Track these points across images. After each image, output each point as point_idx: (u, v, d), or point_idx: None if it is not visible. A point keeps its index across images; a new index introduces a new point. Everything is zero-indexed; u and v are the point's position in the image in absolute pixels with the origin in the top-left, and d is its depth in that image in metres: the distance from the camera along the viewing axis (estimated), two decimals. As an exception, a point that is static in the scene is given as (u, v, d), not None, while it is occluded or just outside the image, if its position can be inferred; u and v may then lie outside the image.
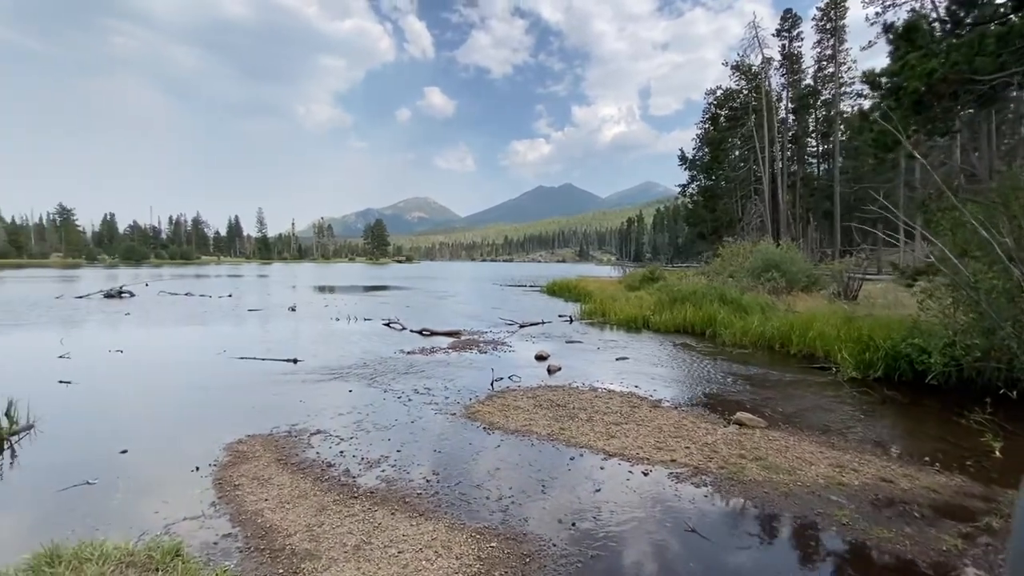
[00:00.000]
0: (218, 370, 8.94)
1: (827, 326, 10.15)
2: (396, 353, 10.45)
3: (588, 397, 7.01)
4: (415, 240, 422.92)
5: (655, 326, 14.14)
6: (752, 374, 8.70)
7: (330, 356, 10.15)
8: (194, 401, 7.07)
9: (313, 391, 7.46)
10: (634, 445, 5.22)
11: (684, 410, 6.51)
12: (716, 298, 14.36)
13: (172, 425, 6.02)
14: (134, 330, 13.60)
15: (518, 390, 7.46)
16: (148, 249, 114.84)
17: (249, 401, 6.94)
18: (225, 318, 16.33)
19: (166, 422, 6.14)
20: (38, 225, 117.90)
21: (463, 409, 6.50)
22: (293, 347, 11.20)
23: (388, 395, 7.20)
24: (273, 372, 8.72)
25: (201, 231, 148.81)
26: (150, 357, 10.22)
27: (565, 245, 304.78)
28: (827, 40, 38.73)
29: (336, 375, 8.46)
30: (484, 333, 13.34)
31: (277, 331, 13.75)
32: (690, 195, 54.36)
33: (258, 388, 7.66)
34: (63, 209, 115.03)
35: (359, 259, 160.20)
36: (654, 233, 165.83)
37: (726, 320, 12.88)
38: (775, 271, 19.65)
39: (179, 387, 7.85)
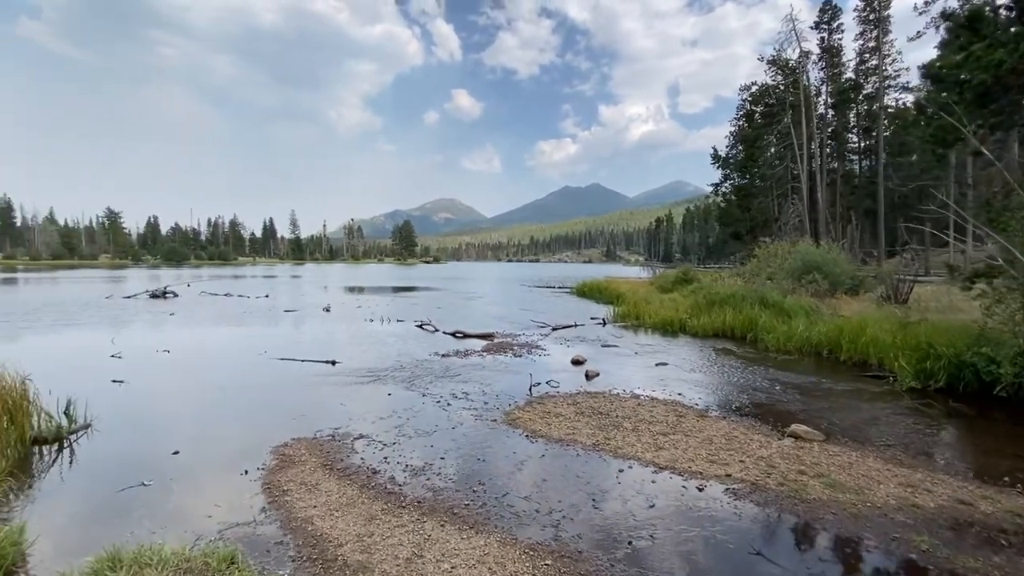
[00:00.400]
0: (260, 371, 9.11)
1: (880, 332, 9.64)
2: (431, 356, 10.45)
3: (631, 405, 6.81)
4: (442, 241, 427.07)
5: (692, 330, 13.76)
6: (801, 382, 8.33)
7: (367, 358, 10.23)
8: (238, 402, 7.19)
9: (352, 394, 7.50)
10: (685, 458, 5.02)
11: (733, 421, 6.25)
12: (756, 301, 13.87)
13: (219, 426, 6.12)
14: (179, 330, 14.05)
15: (558, 396, 7.32)
16: (188, 250, 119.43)
17: (291, 403, 7.02)
18: (263, 319, 16.73)
19: (213, 423, 6.25)
20: (88, 228, 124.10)
21: (503, 415, 6.41)
22: (330, 348, 11.34)
23: (427, 399, 7.17)
24: (312, 373, 8.83)
25: (238, 233, 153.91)
26: (195, 357, 10.51)
27: (592, 245, 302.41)
28: (870, 31, 37.16)
29: (374, 377, 8.50)
30: (517, 336, 13.24)
31: (313, 332, 13.98)
32: (723, 194, 53.11)
33: (299, 389, 7.76)
34: (111, 212, 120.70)
35: (387, 260, 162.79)
36: (683, 233, 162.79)
37: (768, 324, 12.42)
38: (816, 273, 18.94)
39: (223, 387, 8.02)
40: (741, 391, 7.78)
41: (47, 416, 5.65)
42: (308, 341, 12.52)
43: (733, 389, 7.93)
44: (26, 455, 5.11)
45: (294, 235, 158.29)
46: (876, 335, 9.59)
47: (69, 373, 8.83)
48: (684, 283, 26.22)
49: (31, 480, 4.62)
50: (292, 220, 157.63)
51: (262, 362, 9.82)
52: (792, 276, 19.53)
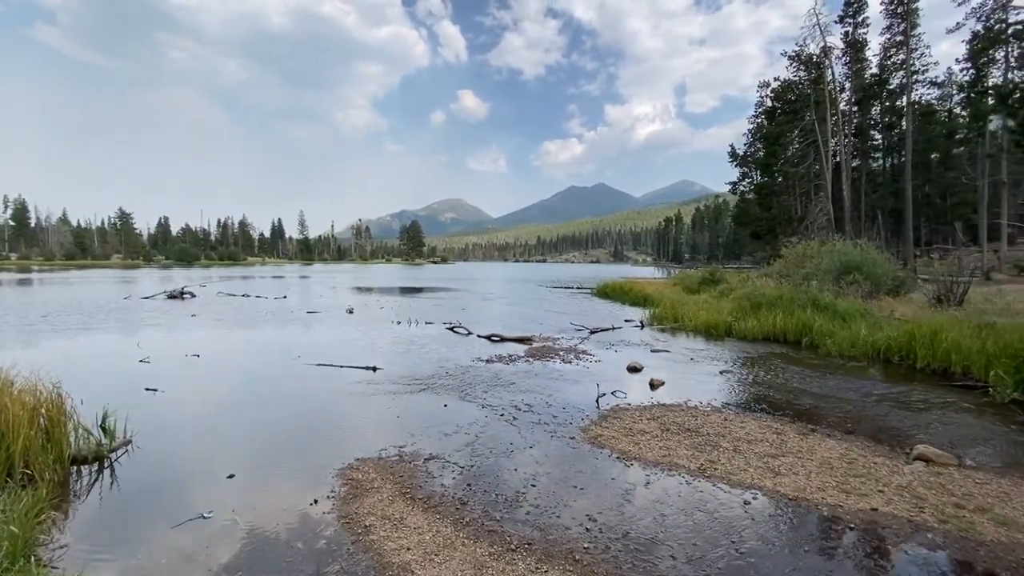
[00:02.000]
0: (298, 378, 8.55)
1: (961, 337, 8.93)
2: (474, 361, 9.86)
3: (717, 420, 6.17)
4: (448, 241, 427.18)
5: (740, 334, 13.07)
6: (885, 392, 7.65)
7: (407, 363, 9.65)
8: (284, 414, 6.62)
9: (405, 405, 6.91)
10: (812, 486, 4.38)
11: (841, 439, 5.59)
12: (807, 304, 13.16)
13: (270, 443, 5.54)
14: (204, 332, 13.55)
15: (630, 409, 6.69)
16: (199, 251, 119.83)
17: (341, 415, 6.44)
18: (287, 320, 16.22)
19: (263, 439, 5.67)
20: (100, 228, 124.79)
21: (580, 432, 5.79)
22: (365, 353, 10.78)
23: (488, 412, 6.56)
24: (354, 380, 8.26)
25: (247, 233, 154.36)
26: (227, 362, 9.98)
27: (599, 245, 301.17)
28: (897, 24, 36.15)
29: (422, 386, 7.91)
30: (556, 339, 12.62)
31: (342, 335, 13.44)
32: (741, 193, 52.26)
33: (345, 400, 7.18)
34: (123, 213, 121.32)
35: (395, 260, 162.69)
36: (693, 233, 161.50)
37: (825, 328, 11.72)
38: (857, 273, 18.18)
39: (265, 397, 7.46)
40: (826, 403, 7.12)
41: (84, 431, 5.10)
42: (340, 345, 11.97)
43: (816, 401, 7.26)
44: (65, 478, 4.55)
45: (303, 235, 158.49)
46: (957, 340, 8.87)
47: (98, 380, 8.31)
48: (711, 284, 25.52)
49: (75, 510, 4.05)
50: (300, 220, 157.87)
51: (298, 368, 9.27)
52: (831, 276, 18.79)
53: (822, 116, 36.70)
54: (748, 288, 17.30)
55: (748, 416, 6.36)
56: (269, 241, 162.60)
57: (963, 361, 8.56)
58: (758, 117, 50.88)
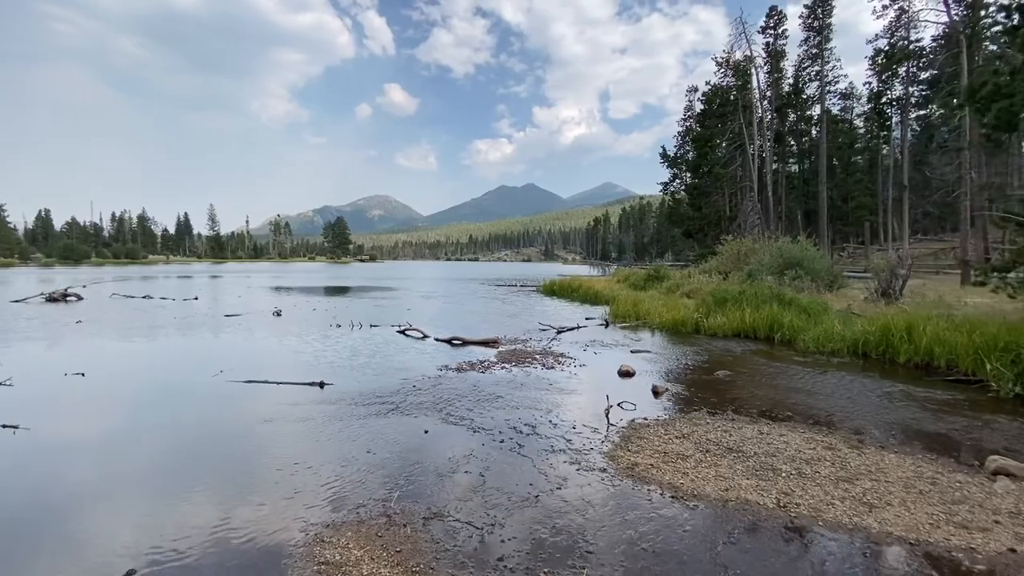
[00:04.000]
0: (221, 401, 6.71)
1: (940, 329, 8.87)
2: (442, 370, 8.45)
3: (752, 434, 5.30)
4: (377, 239, 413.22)
5: (710, 330, 12.65)
6: (890, 391, 7.25)
7: (362, 376, 8.05)
8: (210, 456, 4.90)
9: (373, 433, 5.42)
10: (922, 522, 3.54)
11: (897, 450, 4.90)
12: (773, 298, 13.02)
13: (193, 505, 3.88)
14: (93, 343, 10.95)
15: (649, 424, 5.67)
16: (89, 248, 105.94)
17: (289, 455, 4.84)
18: (202, 326, 13.74)
19: (182, 498, 3.98)
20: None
21: (608, 460, 4.67)
22: (306, 363, 9.00)
23: (483, 438, 5.26)
24: (298, 401, 6.60)
25: (148, 229, 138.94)
26: (122, 383, 7.81)
27: (530, 244, 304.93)
28: (813, 38, 38.77)
29: (388, 405, 6.42)
30: (525, 341, 11.47)
31: (273, 342, 11.42)
32: (672, 193, 54.09)
33: (291, 430, 5.55)
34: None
35: (319, 258, 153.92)
36: (620, 232, 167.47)
37: (796, 324, 11.53)
38: (798, 268, 18.72)
39: (175, 432, 5.62)
40: (842, 405, 6.53)
41: None
42: (272, 354, 10.04)
43: (830, 403, 6.66)
44: None
45: (213, 231, 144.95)
46: (938, 334, 8.79)
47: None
48: (657, 280, 25.63)
49: None
50: (211, 215, 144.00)
51: (220, 387, 7.38)
52: (773, 272, 19.24)
53: (748, 120, 38.62)
54: (712, 284, 17.19)
55: (781, 427, 5.56)
56: (174, 238, 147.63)
57: (947, 355, 8.46)
58: (687, 120, 52.99)
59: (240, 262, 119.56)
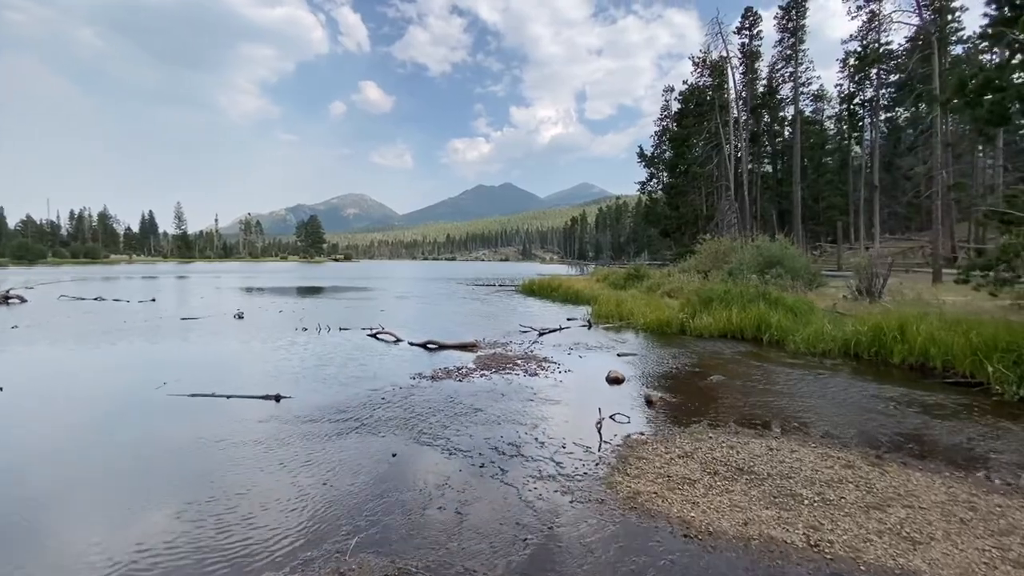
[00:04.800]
0: (161, 420, 5.85)
1: (934, 329, 8.57)
2: (415, 379, 7.72)
3: (760, 450, 4.76)
4: (352, 238, 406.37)
5: (696, 331, 12.22)
6: (893, 396, 6.84)
7: (324, 387, 7.26)
8: (135, 491, 4.08)
9: (331, 458, 4.68)
10: (977, 561, 3.02)
11: (920, 467, 4.42)
12: (759, 298, 12.68)
13: (106, 567, 3.10)
14: (23, 352, 9.82)
15: (646, 440, 5.08)
16: (45, 247, 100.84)
17: (227, 490, 4.05)
18: (153, 331, 12.64)
19: (65, 555, 3.19)
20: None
21: (605, 487, 4.04)
22: (264, 373, 8.15)
23: (460, 462, 4.57)
24: (249, 418, 5.79)
25: (109, 227, 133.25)
26: (46, 399, 6.83)
27: (508, 244, 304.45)
28: (787, 39, 39.19)
29: (352, 421, 5.68)
30: (505, 344, 10.81)
31: (231, 349, 10.48)
32: (649, 193, 54.24)
33: (234, 457, 4.75)
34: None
35: (292, 257, 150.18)
36: (597, 232, 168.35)
37: (784, 324, 11.18)
38: (779, 267, 18.58)
39: (88, 459, 4.75)
40: (846, 413, 6.08)
41: None
42: (226, 364, 9.14)
43: (834, 410, 6.20)
44: None
45: (180, 230, 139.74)
46: (932, 334, 8.49)
47: None
48: (637, 279, 25.33)
49: None
50: (177, 213, 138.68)
51: (161, 402, 6.50)
52: (754, 270, 19.06)
53: (725, 120, 38.79)
54: (693, 283, 16.84)
55: (790, 441, 5.04)
56: (138, 237, 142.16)
57: (943, 356, 8.15)
58: (663, 120, 53.20)
59: (208, 262, 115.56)
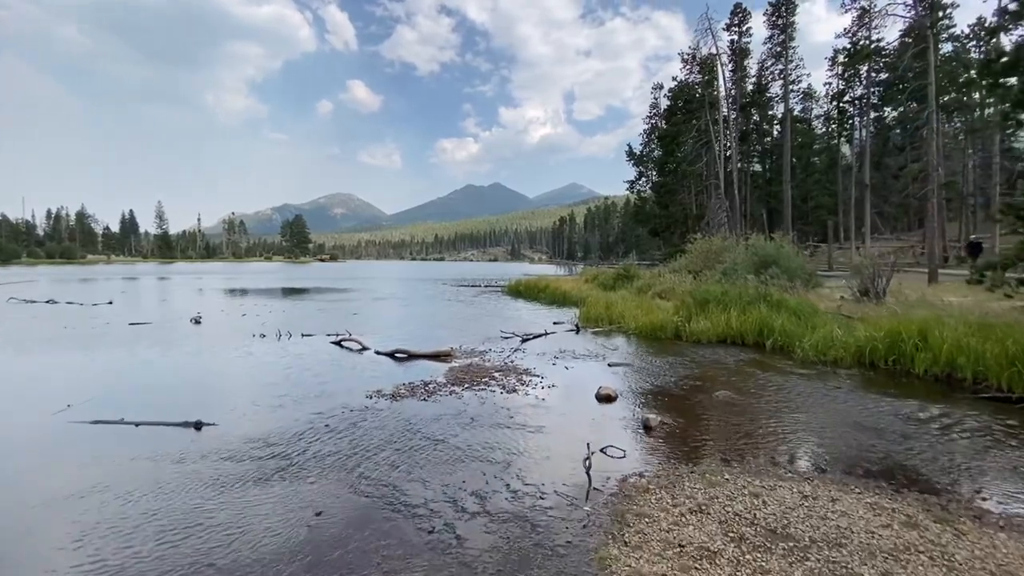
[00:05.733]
0: (45, 456, 4.66)
1: (961, 336, 7.66)
2: (372, 398, 6.58)
3: (793, 499, 3.72)
4: (339, 238, 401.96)
5: (692, 336, 11.23)
6: (927, 416, 5.88)
7: (259, 410, 6.08)
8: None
9: (236, 517, 3.53)
10: None
11: (1003, 523, 3.41)
12: (759, 300, 11.74)
13: None
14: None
15: (650, 486, 4.00)
16: (19, 247, 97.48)
17: (103, 553, 2.92)
18: (91, 340, 11.32)
19: None
20: None
21: (592, 565, 2.96)
22: (196, 392, 6.97)
23: (403, 526, 3.45)
24: (155, 453, 4.63)
25: (87, 226, 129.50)
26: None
27: (497, 244, 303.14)
28: (777, 36, 38.61)
29: (278, 459, 4.53)
30: (483, 352, 9.70)
31: (169, 362, 9.23)
32: (638, 192, 53.48)
33: (107, 515, 3.58)
34: None
35: (276, 258, 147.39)
36: (585, 232, 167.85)
37: (788, 328, 10.23)
38: (775, 267, 17.73)
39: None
40: (884, 437, 5.08)
41: None
42: (157, 380, 7.92)
43: (867, 439, 5.20)
44: None
45: (161, 230, 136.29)
46: (960, 340, 7.57)
47: None
48: (627, 280, 24.37)
49: None
50: (159, 213, 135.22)
51: (55, 431, 5.30)
52: (749, 271, 18.19)
53: (714, 118, 38.07)
54: (685, 284, 15.89)
55: (827, 484, 4.00)
56: (118, 236, 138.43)
57: (974, 366, 7.23)
58: (652, 118, 52.44)
59: (190, 262, 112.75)
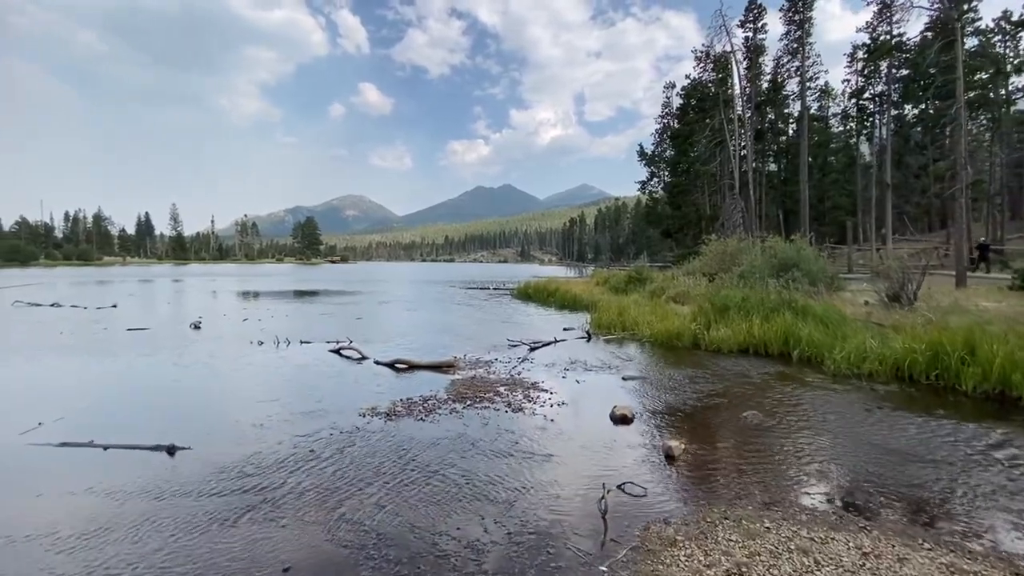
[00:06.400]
0: (8, 484, 4.19)
1: (1015, 348, 6.93)
2: (366, 416, 6.04)
3: (851, 557, 3.09)
4: (350, 240, 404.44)
5: (712, 345, 10.55)
6: (983, 443, 5.20)
7: (239, 431, 5.56)
8: None
9: (188, 568, 3.01)
10: None
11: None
12: (783, 306, 11.04)
13: None
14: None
15: (677, 536, 3.40)
16: (38, 249, 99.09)
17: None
18: (82, 348, 10.94)
19: None
20: None
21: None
22: (176, 409, 6.49)
23: None
24: (116, 484, 4.13)
25: (104, 229, 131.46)
26: None
27: (506, 245, 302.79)
28: (794, 32, 37.59)
29: (251, 494, 4.00)
30: (489, 363, 9.13)
31: (156, 373, 8.78)
32: (650, 192, 52.59)
33: (55, 555, 3.09)
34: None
35: (288, 259, 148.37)
36: (596, 233, 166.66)
37: (817, 338, 9.51)
38: (796, 270, 16.95)
39: None
40: (944, 473, 4.42)
41: None
42: (138, 394, 7.47)
43: (926, 469, 4.53)
44: None
45: (176, 232, 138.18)
46: (1014, 355, 6.84)
47: None
48: (638, 283, 23.64)
49: None
50: (173, 215, 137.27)
51: (20, 455, 4.83)
52: (768, 274, 17.42)
53: (729, 117, 37.16)
54: (700, 287, 15.20)
55: (887, 535, 3.36)
56: (134, 238, 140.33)
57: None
58: (664, 117, 51.53)
59: (203, 264, 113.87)
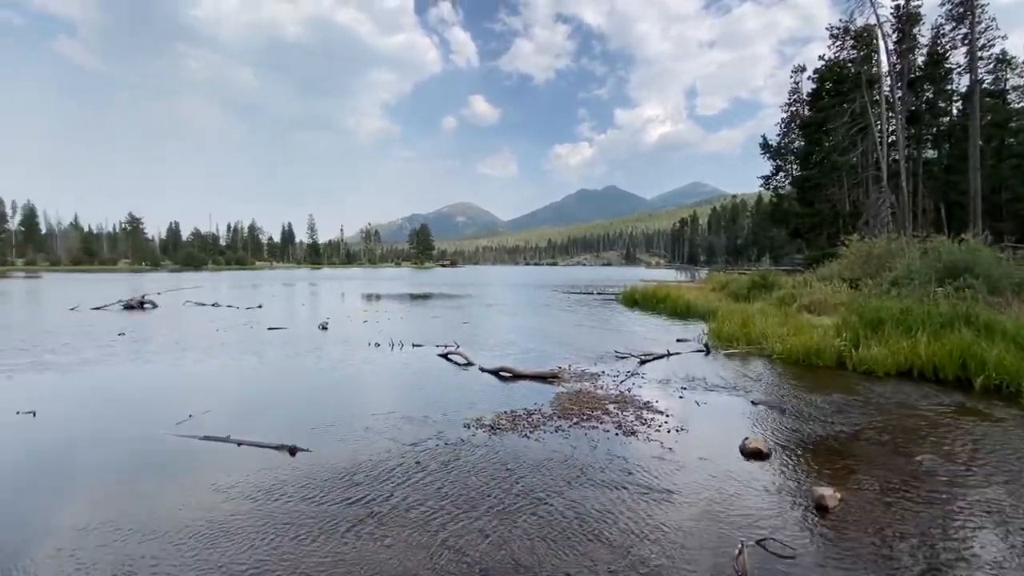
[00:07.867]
0: (152, 473, 4.71)
1: None
2: (471, 428, 5.92)
3: None
4: (459, 244, 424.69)
5: (862, 365, 8.96)
6: None
7: (354, 436, 5.72)
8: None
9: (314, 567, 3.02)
10: None
11: None
12: (957, 320, 9.07)
13: None
14: (98, 366, 9.79)
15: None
16: (207, 255, 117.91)
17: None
18: (233, 343, 12.44)
19: None
20: (110, 234, 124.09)
21: None
22: (301, 408, 6.96)
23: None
24: (242, 481, 4.41)
25: (256, 237, 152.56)
26: (61, 429, 6.08)
27: (610, 248, 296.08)
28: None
29: (357, 506, 4.01)
30: (595, 376, 8.65)
31: (288, 370, 9.60)
32: (775, 188, 47.74)
33: (174, 548, 3.31)
34: (132, 218, 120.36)
35: (405, 263, 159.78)
36: (709, 234, 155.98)
37: (1009, 362, 7.60)
38: (968, 276, 14.02)
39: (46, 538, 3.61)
40: None
41: None
42: (272, 392, 8.18)
43: None
44: None
45: (311, 240, 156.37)
46: None
47: None
48: (764, 289, 21.34)
49: None
50: (310, 225, 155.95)
51: (168, 445, 5.43)
52: (931, 280, 14.60)
53: (873, 99, 32.30)
54: (841, 295, 13.23)
55: None
56: (279, 245, 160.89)
57: None
58: (791, 105, 46.48)
59: (333, 268, 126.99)
